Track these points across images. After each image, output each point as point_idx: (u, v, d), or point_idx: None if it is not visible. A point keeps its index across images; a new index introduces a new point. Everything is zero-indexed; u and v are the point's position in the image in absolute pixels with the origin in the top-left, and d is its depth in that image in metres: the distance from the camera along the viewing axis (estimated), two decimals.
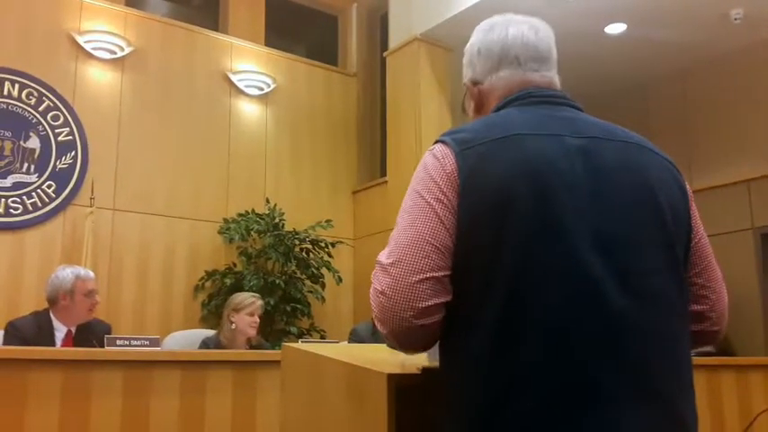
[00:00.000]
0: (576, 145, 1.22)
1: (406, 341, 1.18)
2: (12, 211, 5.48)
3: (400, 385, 1.23)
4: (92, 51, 6.01)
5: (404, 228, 1.21)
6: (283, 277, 6.18)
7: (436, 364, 1.22)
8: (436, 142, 1.27)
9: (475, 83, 1.45)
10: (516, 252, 1.12)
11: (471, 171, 1.18)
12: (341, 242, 6.72)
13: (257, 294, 4.39)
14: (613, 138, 1.27)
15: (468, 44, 1.49)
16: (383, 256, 1.21)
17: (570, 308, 1.11)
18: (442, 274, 1.15)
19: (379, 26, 7.80)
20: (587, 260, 1.13)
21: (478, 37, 1.45)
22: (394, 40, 6.93)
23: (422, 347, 1.22)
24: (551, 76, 1.40)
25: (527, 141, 1.21)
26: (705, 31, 5.99)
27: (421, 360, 1.31)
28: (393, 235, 1.23)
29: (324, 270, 6.42)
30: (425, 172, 1.23)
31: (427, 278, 1.14)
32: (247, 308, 4.17)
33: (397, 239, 1.20)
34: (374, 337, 4.10)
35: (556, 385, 1.08)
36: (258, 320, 4.21)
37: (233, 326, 4.14)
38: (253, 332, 4.17)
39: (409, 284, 1.14)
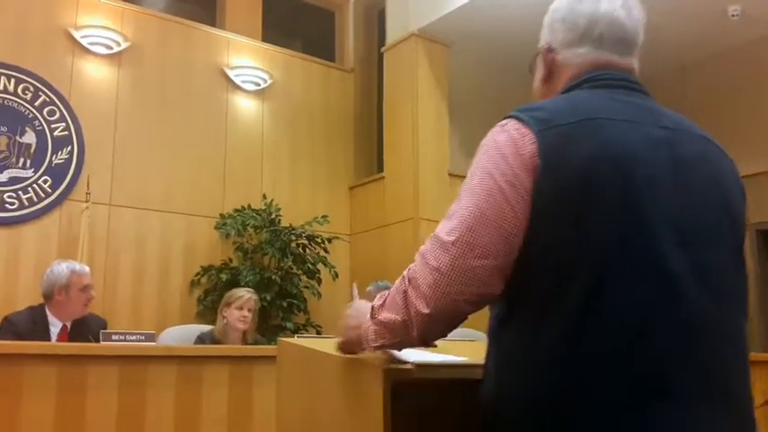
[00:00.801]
0: (658, 136, 1.19)
1: (439, 326, 1.15)
2: (7, 206, 5.47)
3: (396, 380, 1.23)
4: (88, 46, 5.99)
5: (469, 207, 1.13)
6: (279, 273, 6.18)
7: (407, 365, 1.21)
8: (508, 117, 1.20)
9: (550, 50, 1.36)
10: (598, 242, 1.09)
11: (552, 153, 1.11)
12: (337, 238, 6.71)
13: (251, 290, 4.38)
14: (691, 131, 1.25)
15: (554, 5, 1.38)
16: (443, 232, 1.14)
17: (650, 302, 1.09)
18: (502, 262, 1.11)
19: (376, 22, 7.79)
20: (669, 254, 1.11)
21: (566, 2, 1.34)
22: (391, 35, 6.93)
23: (442, 336, 1.19)
24: (632, 62, 1.33)
25: (611, 127, 1.16)
26: (703, 28, 5.99)
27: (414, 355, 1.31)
28: (455, 211, 1.16)
29: (320, 266, 6.42)
30: (497, 150, 1.16)
31: (489, 265, 1.10)
32: (236, 301, 4.17)
33: (462, 218, 1.13)
34: None
35: (630, 380, 1.06)
36: (248, 315, 4.16)
37: (225, 320, 4.14)
38: (242, 326, 4.13)
39: (470, 267, 1.10)
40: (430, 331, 1.16)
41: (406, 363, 1.24)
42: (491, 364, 1.20)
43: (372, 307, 1.24)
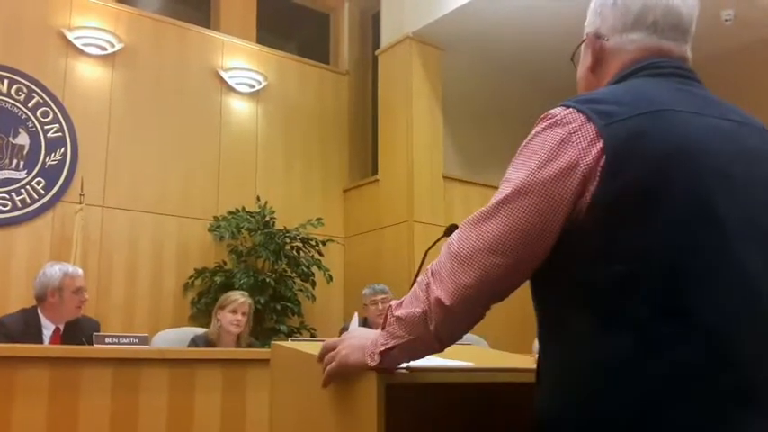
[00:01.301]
0: (725, 128, 1.13)
1: (456, 321, 1.14)
2: (1, 207, 5.45)
3: (390, 384, 1.22)
4: (82, 47, 5.97)
5: (510, 214, 1.08)
6: (273, 275, 6.17)
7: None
8: (564, 107, 1.12)
9: (599, 36, 1.28)
10: (672, 242, 1.03)
11: (618, 151, 1.04)
12: (331, 240, 6.71)
13: (245, 293, 4.37)
14: (754, 123, 1.19)
15: None
16: (464, 239, 1.11)
17: (733, 305, 1.02)
18: (524, 262, 1.09)
19: (371, 25, 7.80)
20: (745, 253, 1.05)
21: None
22: (386, 38, 6.94)
23: (457, 336, 1.17)
24: (687, 50, 1.26)
25: (678, 119, 1.10)
26: (696, 32, 6.00)
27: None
28: (497, 203, 1.10)
29: (314, 268, 6.41)
30: (552, 144, 1.08)
31: (506, 263, 1.08)
32: (230, 305, 4.15)
33: (496, 225, 1.09)
34: None
35: (717, 391, 0.99)
36: (242, 318, 4.13)
37: (219, 323, 4.13)
38: (235, 330, 4.11)
39: (489, 264, 1.08)
40: (446, 326, 1.14)
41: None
42: (546, 375, 1.15)
43: (390, 306, 1.22)
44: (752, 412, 1.00)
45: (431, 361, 1.41)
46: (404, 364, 1.25)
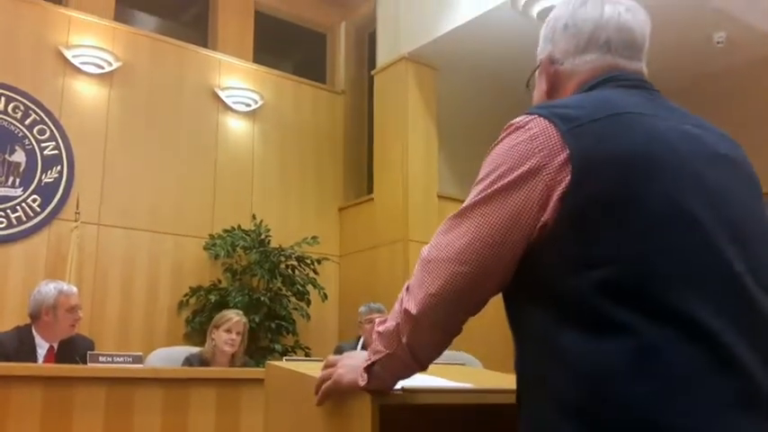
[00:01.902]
0: (691, 132, 1.12)
1: (425, 332, 1.13)
2: None
3: (384, 405, 1.23)
4: (79, 66, 6.00)
5: (472, 223, 1.08)
6: (268, 294, 6.16)
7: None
8: (526, 114, 1.11)
9: (552, 61, 1.27)
10: (651, 245, 1.00)
11: (587, 155, 1.03)
12: (327, 259, 6.71)
13: (240, 312, 4.34)
14: (717, 131, 1.19)
15: (553, 15, 1.30)
16: (432, 249, 1.12)
17: (724, 307, 1.00)
18: (490, 272, 1.08)
19: (366, 44, 7.85)
20: (729, 254, 1.03)
21: (567, 9, 1.26)
22: (381, 58, 6.98)
23: (431, 349, 1.16)
24: (642, 67, 1.26)
25: (643, 122, 1.08)
26: (688, 55, 6.07)
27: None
28: (461, 211, 1.11)
29: (309, 287, 6.41)
30: (513, 151, 1.08)
31: (469, 272, 1.08)
32: (224, 324, 4.11)
33: (462, 232, 1.09)
34: None
35: (716, 394, 0.97)
36: (236, 338, 4.09)
37: (213, 342, 4.10)
38: (229, 349, 4.06)
39: (453, 273, 1.08)
40: (416, 338, 1.13)
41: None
42: (529, 394, 1.11)
43: (375, 322, 1.24)
44: (751, 415, 0.98)
45: (425, 381, 1.42)
46: (399, 385, 1.25)
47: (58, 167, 5.79)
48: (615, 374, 0.97)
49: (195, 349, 4.25)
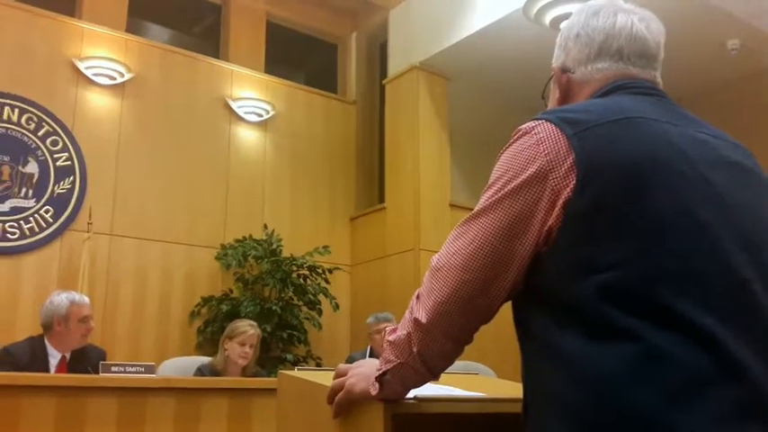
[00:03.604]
0: (702, 138, 1.12)
1: (436, 340, 1.13)
2: (9, 235, 5.47)
3: (397, 414, 1.21)
4: (92, 77, 6.03)
5: (479, 231, 1.08)
6: (280, 303, 6.15)
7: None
8: (535, 120, 1.10)
9: (565, 70, 1.27)
10: (657, 249, 0.99)
11: (593, 159, 1.02)
12: (338, 268, 6.70)
13: (254, 323, 4.31)
14: (730, 139, 1.18)
15: (566, 24, 1.30)
16: (441, 257, 1.13)
17: (727, 313, 0.99)
18: (496, 278, 1.08)
19: (378, 54, 7.87)
20: (736, 259, 1.02)
21: (580, 19, 1.26)
22: (393, 68, 6.99)
23: (443, 357, 1.16)
24: (656, 75, 1.25)
25: (653, 126, 1.08)
26: (701, 62, 6.04)
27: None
28: (469, 219, 1.11)
29: (321, 296, 6.40)
30: (520, 157, 1.07)
31: (479, 279, 1.08)
32: (238, 336, 4.08)
33: (468, 238, 1.10)
34: None
35: (722, 400, 0.95)
36: (249, 351, 4.06)
37: (226, 353, 4.09)
38: (242, 362, 4.04)
39: (460, 281, 1.08)
40: (427, 347, 1.13)
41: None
42: (537, 404, 1.09)
43: (385, 331, 1.22)
44: (755, 423, 0.96)
45: (438, 390, 1.40)
46: (411, 394, 1.24)
47: (71, 178, 5.81)
48: (618, 379, 0.96)
49: (207, 359, 4.25)
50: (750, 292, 1.02)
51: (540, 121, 1.09)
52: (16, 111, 5.66)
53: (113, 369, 3.25)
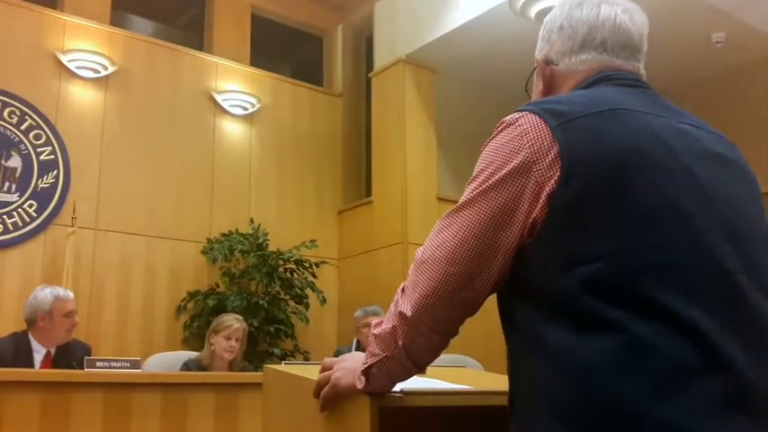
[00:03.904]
0: (686, 130, 1.12)
1: (421, 333, 1.12)
2: None
3: (383, 408, 1.21)
4: (75, 70, 5.98)
5: (463, 223, 1.08)
6: (267, 298, 6.14)
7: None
8: (519, 111, 1.10)
9: (548, 62, 1.28)
10: (639, 241, 1.00)
11: (576, 150, 1.02)
12: (325, 262, 6.69)
13: (240, 317, 4.29)
14: (713, 130, 1.18)
15: (550, 16, 1.30)
16: (426, 249, 1.13)
17: (710, 304, 0.99)
18: (479, 271, 1.08)
19: (364, 47, 7.85)
20: (720, 251, 1.02)
21: (564, 11, 1.26)
22: (379, 61, 6.97)
23: (429, 351, 1.16)
24: (639, 67, 1.25)
25: (635, 118, 1.08)
26: (687, 55, 6.06)
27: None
28: (453, 211, 1.11)
29: (308, 290, 6.39)
30: (504, 149, 1.07)
31: (462, 272, 1.08)
32: (224, 330, 4.06)
33: (452, 231, 1.09)
34: None
35: (706, 391, 0.95)
36: (235, 345, 4.04)
37: (212, 347, 4.07)
38: (228, 357, 4.02)
39: (445, 274, 1.08)
40: (412, 340, 1.12)
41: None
42: (522, 397, 1.09)
43: (371, 324, 1.22)
44: (740, 414, 0.96)
45: (425, 384, 1.40)
46: (398, 387, 1.23)
47: (54, 172, 5.76)
48: (602, 371, 0.96)
49: (193, 354, 4.23)
50: (734, 283, 1.02)
51: (523, 113, 1.09)
52: None
53: (99, 364, 3.22)
